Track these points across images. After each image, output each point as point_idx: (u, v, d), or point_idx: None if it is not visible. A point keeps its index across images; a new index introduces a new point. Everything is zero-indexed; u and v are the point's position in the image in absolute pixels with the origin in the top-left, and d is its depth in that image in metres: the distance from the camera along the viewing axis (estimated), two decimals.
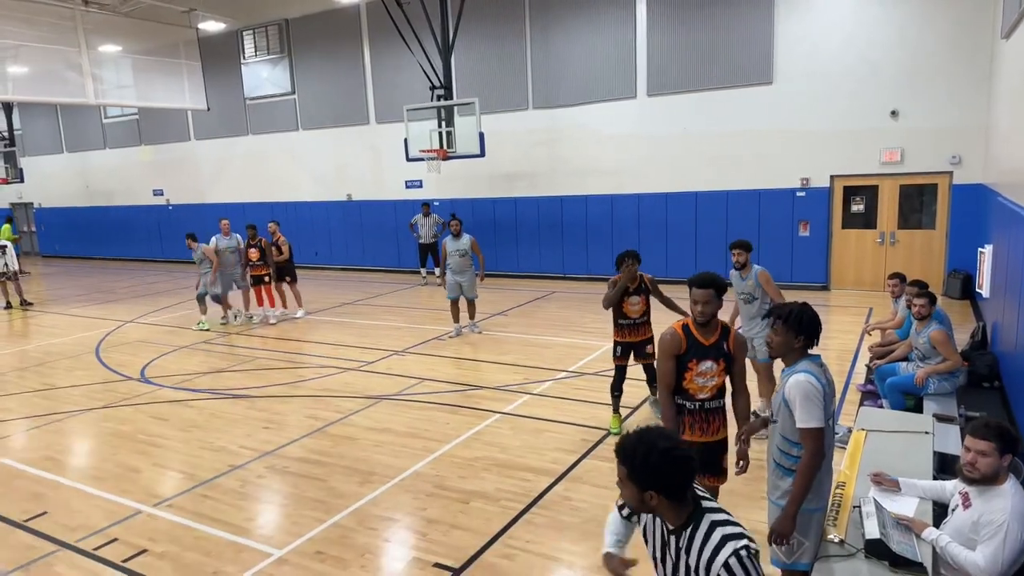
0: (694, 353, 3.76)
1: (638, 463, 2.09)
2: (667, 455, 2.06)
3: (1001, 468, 3.14)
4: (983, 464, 3.12)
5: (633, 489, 2.13)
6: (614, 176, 14.57)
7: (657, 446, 2.08)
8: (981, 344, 7.75)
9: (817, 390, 3.16)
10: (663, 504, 2.12)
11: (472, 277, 10.32)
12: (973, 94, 11.13)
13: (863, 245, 12.68)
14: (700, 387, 3.78)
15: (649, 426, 2.19)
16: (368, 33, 16.88)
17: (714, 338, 3.81)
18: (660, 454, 2.06)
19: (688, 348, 3.76)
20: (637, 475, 2.10)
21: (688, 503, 2.15)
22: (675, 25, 13.37)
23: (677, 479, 2.09)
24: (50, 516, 5.30)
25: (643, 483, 2.10)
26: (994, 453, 3.11)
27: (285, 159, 19.15)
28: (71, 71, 14.85)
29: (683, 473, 2.09)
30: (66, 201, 25.00)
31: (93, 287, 17.72)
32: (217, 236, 11.76)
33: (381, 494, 5.40)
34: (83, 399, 8.27)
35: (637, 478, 2.10)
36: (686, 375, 3.77)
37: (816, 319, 3.34)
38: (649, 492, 2.10)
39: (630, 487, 2.13)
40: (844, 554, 3.09)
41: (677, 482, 2.09)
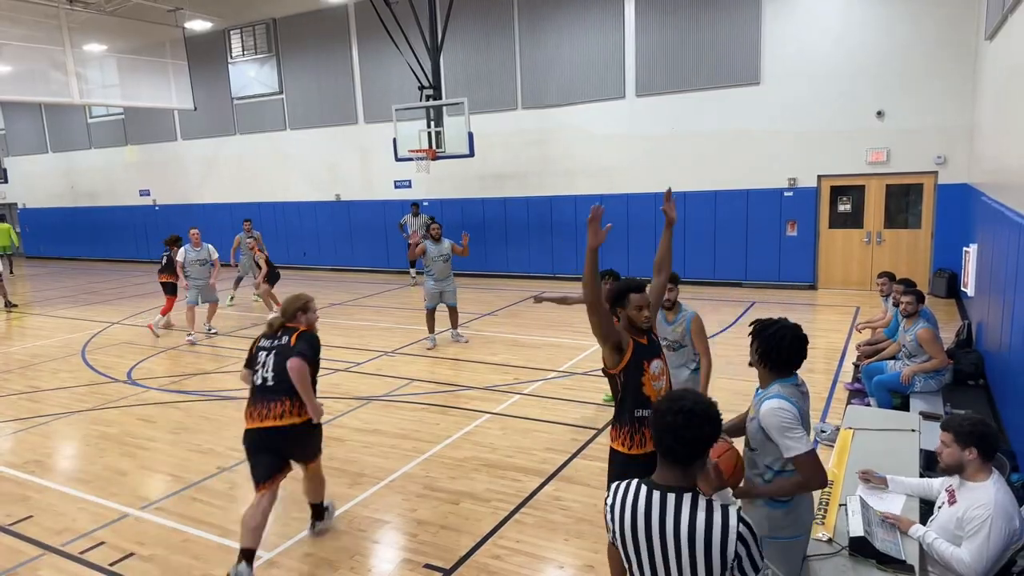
0: (643, 355, 3.59)
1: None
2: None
3: (965, 460, 3.21)
4: (945, 454, 3.29)
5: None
6: (603, 176, 14.60)
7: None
8: (966, 342, 7.84)
9: (791, 415, 2.89)
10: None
11: (453, 284, 9.89)
12: (958, 95, 11.24)
13: (850, 245, 12.78)
14: (656, 391, 3.59)
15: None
16: (356, 32, 16.83)
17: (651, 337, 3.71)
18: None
19: (635, 350, 3.56)
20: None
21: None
22: (663, 26, 13.43)
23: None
24: (35, 520, 5.25)
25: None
26: (953, 444, 3.23)
27: (273, 159, 19.05)
28: (55, 70, 14.71)
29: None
30: (51, 202, 24.75)
31: (79, 288, 17.55)
32: (187, 247, 10.92)
33: (370, 495, 5.39)
34: (69, 401, 8.19)
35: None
36: (643, 380, 3.57)
37: (796, 343, 2.90)
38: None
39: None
40: (830, 552, 3.11)
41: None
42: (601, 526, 4.76)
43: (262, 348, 4.45)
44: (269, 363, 4.34)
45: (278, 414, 4.24)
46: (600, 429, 6.51)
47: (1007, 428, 5.40)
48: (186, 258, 10.84)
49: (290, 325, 4.50)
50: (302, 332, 4.45)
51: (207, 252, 11.03)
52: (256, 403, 4.30)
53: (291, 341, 4.38)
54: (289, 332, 4.45)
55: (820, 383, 7.63)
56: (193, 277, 10.87)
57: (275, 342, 4.42)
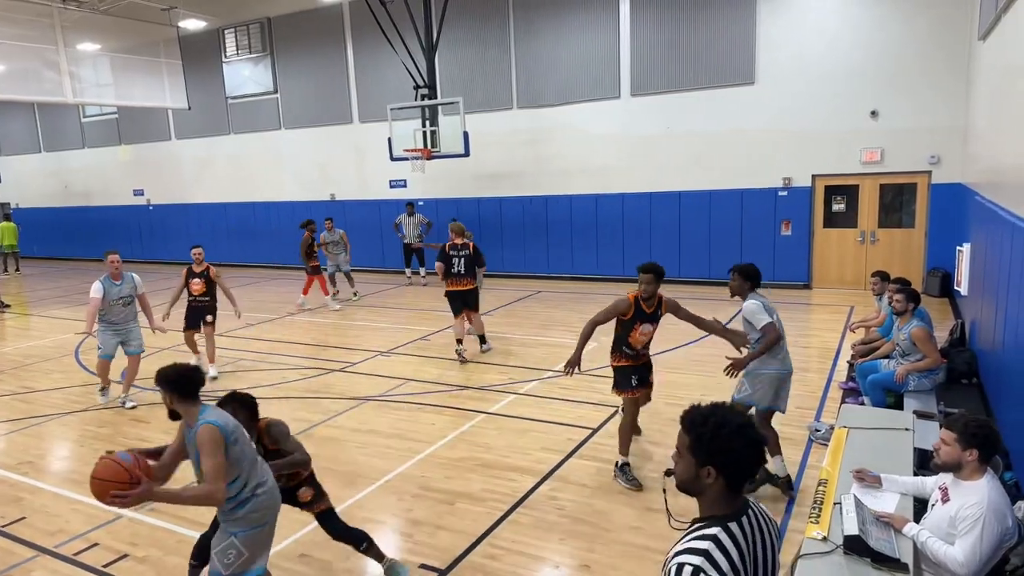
0: (639, 318, 5.39)
1: (707, 433, 1.87)
2: (741, 431, 1.87)
3: (964, 460, 3.22)
4: (943, 452, 3.29)
5: (691, 463, 1.91)
6: (599, 176, 14.61)
7: (732, 421, 1.88)
8: (959, 341, 7.87)
9: (760, 307, 5.05)
10: (717, 486, 1.89)
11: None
12: (951, 95, 11.29)
13: (844, 244, 12.82)
14: (639, 340, 5.49)
15: (722, 403, 2.01)
16: (351, 32, 16.80)
17: (652, 308, 5.45)
18: (734, 428, 1.87)
19: (635, 314, 5.37)
20: (702, 446, 1.88)
21: (741, 499, 1.94)
22: (658, 25, 13.44)
23: (745, 459, 1.88)
24: (29, 521, 5.23)
25: (705, 457, 1.88)
26: (954, 444, 3.24)
27: (268, 159, 19.00)
28: (49, 69, 14.64)
29: (753, 455, 1.89)
30: (44, 201, 24.63)
31: (72, 288, 17.47)
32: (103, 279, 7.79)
33: (366, 496, 5.38)
34: (62, 402, 8.16)
35: (700, 450, 1.89)
36: (632, 333, 5.44)
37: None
38: (708, 468, 1.88)
39: (688, 460, 1.92)
40: (825, 550, 3.12)
41: (744, 463, 1.88)
42: (596, 525, 4.77)
43: (453, 254, 8.98)
44: (460, 262, 8.95)
45: (466, 284, 9.01)
46: (596, 429, 6.52)
47: (1000, 426, 5.41)
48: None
49: (460, 242, 9.07)
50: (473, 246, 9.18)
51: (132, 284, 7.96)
52: (455, 278, 9.00)
53: (470, 251, 9.08)
54: (467, 246, 9.12)
55: (814, 382, 7.65)
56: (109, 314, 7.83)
57: (461, 251, 9.00)
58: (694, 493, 1.96)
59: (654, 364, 5.87)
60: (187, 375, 3.39)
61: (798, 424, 6.39)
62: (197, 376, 3.44)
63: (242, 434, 3.41)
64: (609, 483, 5.41)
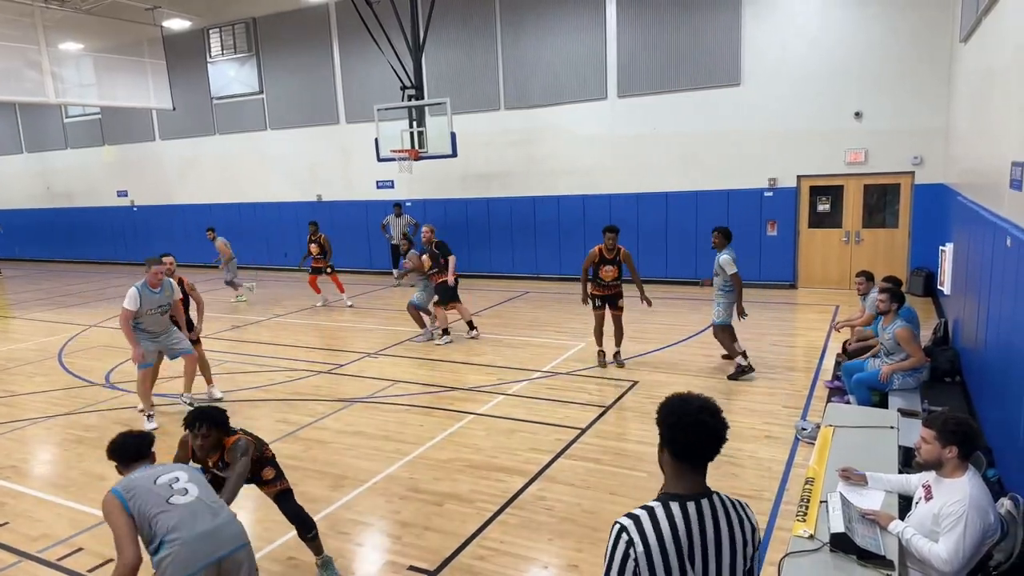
0: (603, 262, 8.38)
1: (661, 419, 2.04)
2: (690, 420, 1.98)
3: (944, 458, 3.26)
4: (924, 450, 3.33)
5: (659, 446, 2.08)
6: (586, 176, 14.65)
7: (686, 410, 2.00)
8: (943, 340, 7.96)
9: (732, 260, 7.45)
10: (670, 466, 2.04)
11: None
12: (934, 96, 11.42)
13: (829, 244, 12.93)
14: (606, 275, 8.40)
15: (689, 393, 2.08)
16: (337, 32, 16.73)
17: (613, 255, 8.34)
18: (685, 418, 1.99)
19: (600, 259, 8.37)
20: (661, 431, 2.05)
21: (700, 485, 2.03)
22: (645, 27, 13.49)
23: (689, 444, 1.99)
24: (11, 526, 5.16)
25: (663, 440, 2.05)
26: (934, 441, 3.28)
27: (253, 159, 18.88)
28: (30, 69, 14.46)
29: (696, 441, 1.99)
30: (26, 203, 24.32)
31: (55, 291, 17.27)
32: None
33: (354, 498, 5.36)
34: (45, 405, 8.06)
35: (661, 434, 2.05)
36: (601, 270, 8.39)
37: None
38: (664, 449, 2.04)
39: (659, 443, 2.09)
40: (812, 548, 3.14)
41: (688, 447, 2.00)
42: (585, 525, 4.77)
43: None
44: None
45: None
46: (584, 429, 6.53)
47: (983, 424, 5.49)
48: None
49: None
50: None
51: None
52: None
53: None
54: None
55: (800, 381, 7.71)
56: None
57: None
58: (663, 472, 2.09)
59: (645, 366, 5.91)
60: (119, 444, 3.63)
61: (784, 423, 6.44)
62: (129, 443, 3.64)
63: (139, 483, 3.29)
64: (598, 483, 5.42)
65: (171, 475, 3.37)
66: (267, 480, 4.28)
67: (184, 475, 3.40)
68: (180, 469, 3.46)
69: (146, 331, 7.19)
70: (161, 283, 7.20)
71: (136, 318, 7.06)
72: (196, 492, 3.32)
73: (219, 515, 3.30)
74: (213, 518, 3.26)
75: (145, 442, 3.63)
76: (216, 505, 3.35)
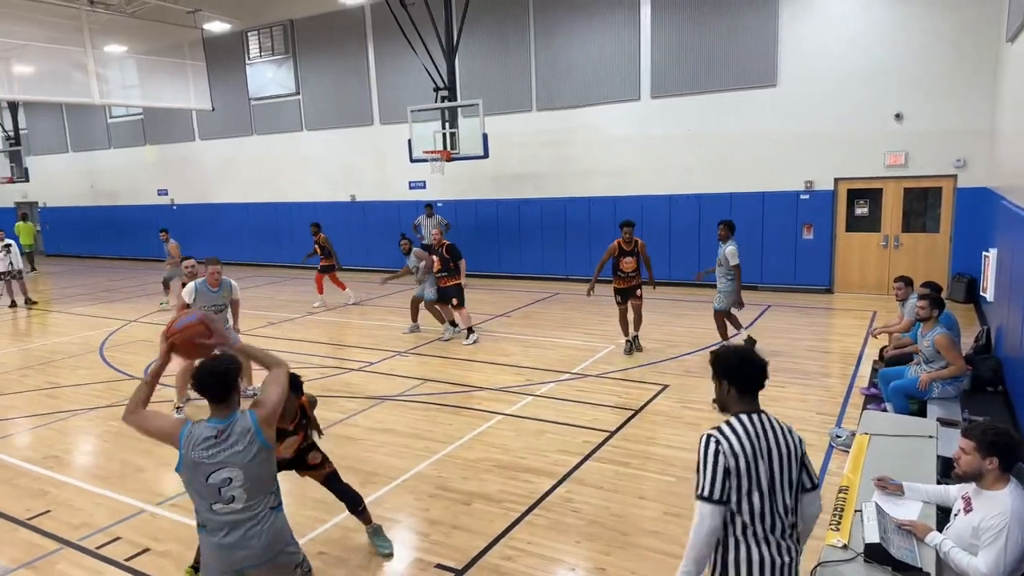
0: (622, 254, 9.04)
1: (720, 360, 2.77)
2: (741, 357, 2.74)
3: (985, 469, 3.16)
4: (963, 461, 3.23)
5: (717, 384, 2.78)
6: (617, 178, 14.57)
7: (737, 352, 2.77)
8: (985, 348, 7.74)
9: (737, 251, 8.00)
10: (731, 394, 2.74)
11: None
12: (978, 97, 11.11)
13: (867, 248, 12.66)
14: (626, 267, 9.06)
15: (739, 345, 3.02)
16: (372, 34, 16.92)
17: (631, 247, 9.05)
18: (737, 356, 2.75)
19: (620, 251, 9.03)
20: (718, 369, 2.76)
21: (755, 407, 2.74)
22: (679, 27, 13.37)
23: (745, 374, 2.71)
24: (53, 515, 5.32)
25: (721, 375, 2.75)
26: (974, 452, 3.18)
27: (289, 160, 19.19)
28: (76, 71, 14.90)
29: (750, 371, 2.70)
30: (71, 200, 25.08)
31: (97, 286, 17.77)
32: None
33: (383, 495, 5.41)
34: (87, 398, 8.30)
35: (717, 372, 2.76)
36: (621, 262, 9.06)
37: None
38: (724, 382, 2.74)
39: (716, 383, 2.78)
40: (845, 558, 3.09)
41: (746, 377, 2.71)
42: (613, 528, 4.75)
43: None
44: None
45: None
46: (613, 432, 6.50)
47: None
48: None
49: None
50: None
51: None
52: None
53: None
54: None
55: (835, 387, 7.57)
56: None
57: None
58: (722, 407, 2.80)
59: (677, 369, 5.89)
60: (196, 377, 3.13)
61: (818, 430, 6.32)
62: (205, 376, 3.11)
63: (197, 460, 2.97)
64: (626, 486, 5.39)
65: (224, 475, 2.98)
66: (314, 465, 4.44)
67: (239, 475, 2.98)
68: (232, 464, 2.98)
69: None
70: (220, 283, 7.47)
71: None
72: (243, 500, 3.01)
73: (257, 528, 3.02)
74: (249, 531, 3.01)
75: (225, 378, 3.05)
76: (262, 512, 3.06)
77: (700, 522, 2.59)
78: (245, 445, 2.99)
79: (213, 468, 2.96)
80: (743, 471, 2.58)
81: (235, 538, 3.01)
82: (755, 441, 2.63)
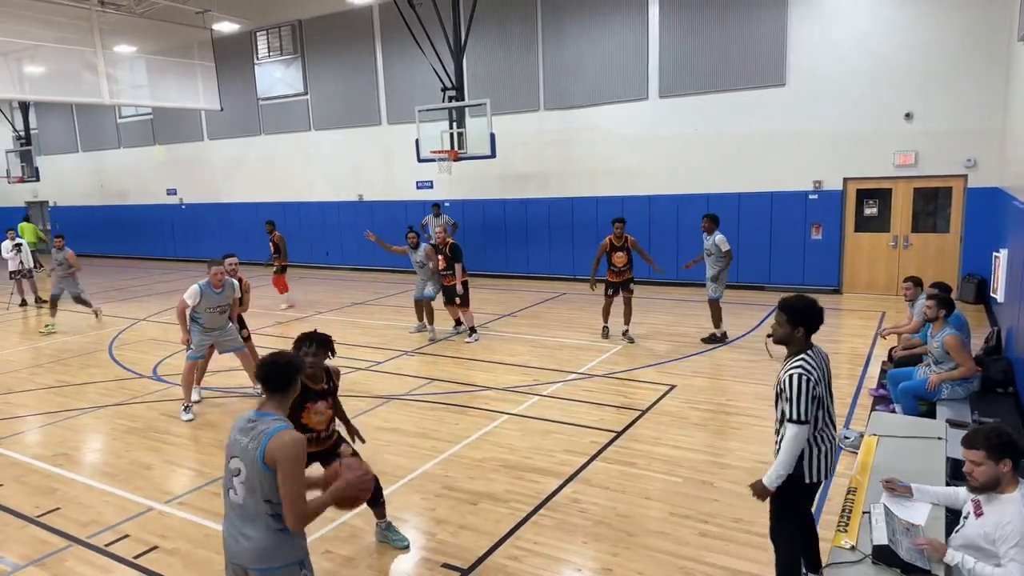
0: (614, 249, 9.57)
1: (796, 308, 3.55)
2: (811, 305, 3.57)
3: (1000, 474, 3.09)
4: (979, 473, 3.13)
5: (787, 328, 3.55)
6: (625, 177, 14.54)
7: (804, 301, 3.59)
8: (995, 349, 7.68)
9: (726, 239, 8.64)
10: (802, 337, 3.55)
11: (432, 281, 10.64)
12: (989, 97, 11.03)
13: (876, 248, 12.58)
14: (617, 261, 9.64)
15: (795, 294, 3.67)
16: (380, 34, 16.94)
17: (621, 243, 9.54)
18: (807, 304, 3.58)
19: (612, 247, 9.56)
20: (795, 316, 3.54)
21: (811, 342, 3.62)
22: (687, 27, 13.33)
23: (816, 319, 3.57)
24: (63, 512, 5.36)
25: (798, 321, 3.53)
26: (986, 461, 3.10)
27: (297, 159, 19.25)
28: (87, 71, 14.99)
29: (819, 316, 3.58)
30: (81, 200, 25.25)
31: (107, 285, 17.87)
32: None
33: (390, 494, 5.41)
34: (96, 396, 8.35)
35: (793, 319, 3.53)
36: (612, 257, 9.60)
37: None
38: (799, 328, 3.53)
39: (785, 326, 3.55)
40: (853, 560, 3.07)
41: (816, 321, 3.57)
42: (619, 529, 4.75)
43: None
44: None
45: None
46: (619, 432, 6.49)
47: None
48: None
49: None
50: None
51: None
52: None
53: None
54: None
55: (844, 388, 7.52)
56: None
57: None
58: (786, 343, 3.60)
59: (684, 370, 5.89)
60: (260, 371, 3.17)
61: None
62: (268, 370, 3.15)
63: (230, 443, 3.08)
64: (632, 487, 5.38)
65: (236, 462, 3.01)
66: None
67: (245, 471, 2.97)
68: (241, 455, 2.99)
69: (203, 326, 7.46)
70: (223, 284, 7.46)
71: (195, 312, 7.36)
72: (242, 495, 2.99)
73: (251, 527, 2.97)
74: (244, 526, 2.98)
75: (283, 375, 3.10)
76: (259, 518, 2.97)
77: (795, 439, 3.40)
78: (254, 447, 2.94)
79: (233, 453, 3.03)
80: (819, 394, 3.46)
81: (230, 530, 3.05)
82: (820, 370, 3.51)
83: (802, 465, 3.50)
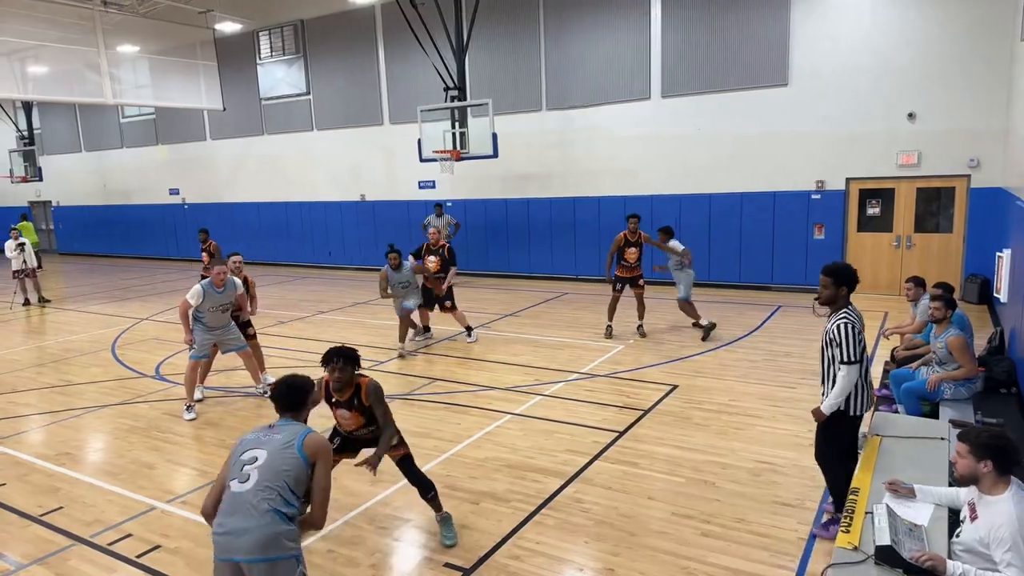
0: (627, 244, 9.74)
1: (840, 272, 4.34)
2: (850, 270, 4.36)
3: (980, 472, 3.14)
4: (960, 465, 3.24)
5: (833, 289, 4.33)
6: (628, 177, 14.54)
7: (846, 267, 4.37)
8: (998, 349, 7.66)
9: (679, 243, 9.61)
10: (845, 295, 4.34)
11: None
12: (992, 96, 11.01)
13: (879, 248, 12.57)
14: (630, 257, 9.77)
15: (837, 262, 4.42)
16: (383, 34, 16.96)
17: (636, 238, 9.69)
18: (849, 270, 4.36)
19: (625, 242, 9.70)
20: (839, 278, 4.31)
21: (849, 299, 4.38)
22: (690, 26, 13.33)
23: (855, 280, 4.37)
24: (66, 511, 5.37)
25: (842, 283, 4.32)
26: (968, 456, 3.18)
27: (300, 159, 19.27)
28: (90, 71, 15.03)
29: (856, 278, 4.37)
30: (84, 200, 25.30)
31: (110, 285, 17.91)
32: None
33: (392, 494, 5.42)
34: (99, 395, 8.36)
35: (838, 281, 4.31)
36: (625, 252, 9.76)
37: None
38: (842, 288, 4.33)
39: (831, 288, 4.33)
40: (856, 560, 3.06)
41: (854, 282, 4.36)
42: (621, 529, 4.75)
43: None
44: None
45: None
46: (622, 432, 6.48)
47: None
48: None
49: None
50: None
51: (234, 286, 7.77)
52: None
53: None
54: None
55: None
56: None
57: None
58: (831, 302, 4.38)
59: (687, 370, 5.91)
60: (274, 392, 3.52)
61: None
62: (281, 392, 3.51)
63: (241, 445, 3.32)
64: (634, 487, 5.38)
65: (253, 452, 3.20)
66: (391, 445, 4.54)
67: (263, 455, 3.16)
68: (264, 446, 3.20)
69: (206, 325, 7.52)
70: (225, 283, 7.52)
71: (198, 311, 7.43)
72: (254, 480, 3.09)
73: (252, 518, 3.02)
74: (246, 519, 3.02)
75: (293, 397, 3.45)
76: (264, 504, 3.05)
77: (849, 377, 4.19)
78: (286, 439, 3.26)
79: (251, 446, 3.25)
80: (863, 339, 4.27)
81: (237, 523, 3.04)
82: (860, 321, 4.33)
83: (848, 401, 4.26)
